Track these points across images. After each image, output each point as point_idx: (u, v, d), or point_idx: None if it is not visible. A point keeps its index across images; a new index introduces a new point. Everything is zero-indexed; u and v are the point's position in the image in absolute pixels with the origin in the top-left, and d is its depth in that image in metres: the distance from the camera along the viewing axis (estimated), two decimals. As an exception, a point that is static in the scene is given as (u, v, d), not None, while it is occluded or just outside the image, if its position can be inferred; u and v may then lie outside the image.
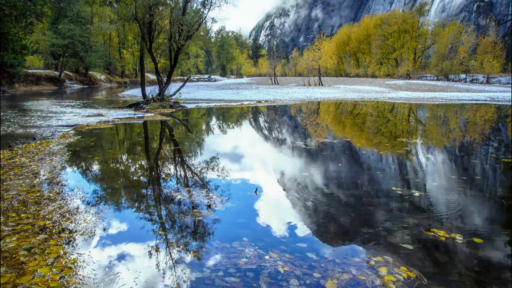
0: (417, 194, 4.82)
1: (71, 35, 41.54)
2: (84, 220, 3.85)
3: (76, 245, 3.28)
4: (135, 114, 14.45)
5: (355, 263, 3.02)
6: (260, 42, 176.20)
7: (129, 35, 21.07)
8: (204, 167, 6.32)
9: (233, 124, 13.19)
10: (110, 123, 11.87)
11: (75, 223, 3.77)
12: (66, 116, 13.61)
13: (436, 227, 3.73)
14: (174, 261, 3.03)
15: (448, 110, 18.56)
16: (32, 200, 4.39)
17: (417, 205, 4.40)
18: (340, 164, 6.57)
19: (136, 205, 4.45)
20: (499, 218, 4.12)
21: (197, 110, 17.90)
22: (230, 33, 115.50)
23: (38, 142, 8.21)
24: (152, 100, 17.66)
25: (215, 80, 72.80)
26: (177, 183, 5.32)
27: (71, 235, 3.48)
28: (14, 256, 3.01)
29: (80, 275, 2.78)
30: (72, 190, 4.86)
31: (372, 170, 6.16)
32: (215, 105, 20.26)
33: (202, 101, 22.97)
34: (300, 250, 3.25)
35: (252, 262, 3.01)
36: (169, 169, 6.31)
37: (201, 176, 5.77)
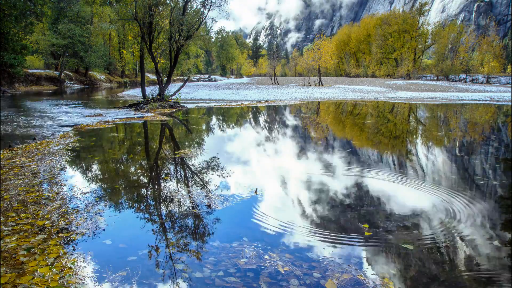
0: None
1: (71, 35, 41.54)
2: (84, 220, 3.84)
3: (76, 245, 3.28)
4: (135, 114, 14.44)
5: (355, 263, 3.02)
6: (260, 42, 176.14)
7: (129, 35, 21.08)
8: (204, 167, 6.32)
9: (233, 124, 13.19)
10: (110, 123, 11.87)
11: (74, 223, 3.77)
12: (66, 116, 13.61)
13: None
14: (174, 261, 3.03)
15: (448, 110, 18.55)
16: (31, 200, 4.38)
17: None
18: (339, 164, 6.56)
19: (136, 205, 4.45)
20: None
21: (197, 110, 17.89)
22: (230, 33, 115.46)
23: (38, 142, 8.21)
24: (152, 100, 17.66)
25: (215, 80, 72.81)
26: (177, 183, 5.32)
27: (71, 235, 3.48)
28: (14, 256, 3.01)
29: (80, 275, 2.78)
30: (72, 190, 4.86)
31: (375, 169, 6.15)
32: (215, 105, 20.26)
33: (202, 101, 22.97)
34: (300, 250, 3.24)
35: (252, 262, 3.01)
36: (169, 169, 6.31)
37: (201, 176, 5.76)
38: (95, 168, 6.29)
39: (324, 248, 3.29)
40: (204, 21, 18.85)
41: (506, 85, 47.06)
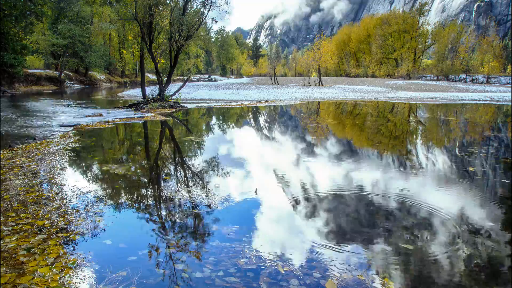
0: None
1: (71, 35, 41.50)
2: (84, 220, 3.84)
3: (76, 245, 3.28)
4: (135, 114, 14.44)
5: (355, 263, 3.02)
6: (260, 42, 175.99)
7: (129, 35, 21.10)
8: (204, 167, 6.32)
9: (233, 124, 13.19)
10: (110, 123, 11.87)
11: (74, 223, 3.77)
12: (66, 116, 13.60)
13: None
14: (174, 261, 3.03)
15: (448, 110, 18.55)
16: (31, 200, 4.38)
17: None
18: (338, 164, 6.56)
19: (136, 205, 4.45)
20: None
21: (197, 110, 17.89)
22: (230, 33, 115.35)
23: (38, 142, 8.21)
24: (152, 100, 17.66)
25: (215, 80, 72.75)
26: (177, 183, 5.32)
27: (71, 235, 3.48)
28: (14, 256, 3.01)
29: (80, 275, 2.78)
30: (71, 190, 4.86)
31: (377, 170, 6.15)
32: (215, 105, 20.25)
33: (202, 101, 22.96)
34: (300, 250, 3.24)
35: (252, 262, 3.01)
36: (169, 169, 6.31)
37: (201, 176, 5.76)
38: (95, 168, 6.28)
39: (324, 248, 3.29)
40: (204, 21, 18.85)
41: (506, 85, 47.04)
